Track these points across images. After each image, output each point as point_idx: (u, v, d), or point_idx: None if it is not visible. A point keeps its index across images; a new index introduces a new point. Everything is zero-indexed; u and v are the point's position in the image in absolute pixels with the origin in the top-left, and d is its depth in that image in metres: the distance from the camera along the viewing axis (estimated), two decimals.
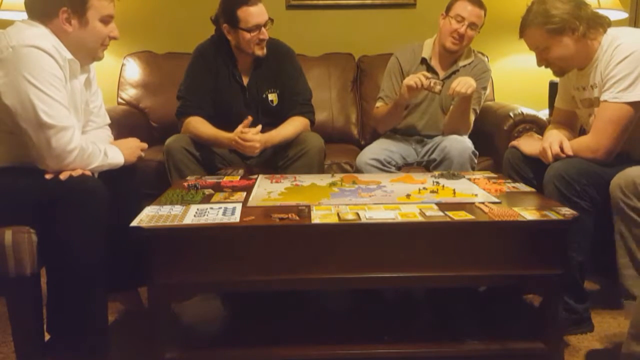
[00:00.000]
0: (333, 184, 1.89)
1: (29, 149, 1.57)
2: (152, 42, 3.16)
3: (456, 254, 1.54)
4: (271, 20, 2.28)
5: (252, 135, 2.13)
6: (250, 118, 2.17)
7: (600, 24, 1.83)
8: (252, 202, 1.69)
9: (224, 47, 2.34)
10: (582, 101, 1.94)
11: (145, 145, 1.90)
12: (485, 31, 2.47)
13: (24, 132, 1.53)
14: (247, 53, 2.30)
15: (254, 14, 2.21)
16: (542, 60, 1.90)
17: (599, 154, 1.77)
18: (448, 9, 2.43)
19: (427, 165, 2.44)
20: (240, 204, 1.66)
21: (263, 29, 2.25)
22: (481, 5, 2.39)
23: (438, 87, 2.27)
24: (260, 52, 2.29)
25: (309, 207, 1.62)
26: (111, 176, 1.69)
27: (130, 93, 3.03)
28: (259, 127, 2.16)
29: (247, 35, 2.24)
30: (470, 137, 2.42)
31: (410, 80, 2.27)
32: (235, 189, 1.85)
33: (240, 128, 2.15)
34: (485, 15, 2.41)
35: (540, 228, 1.53)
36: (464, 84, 2.25)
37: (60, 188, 1.53)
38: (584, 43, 1.83)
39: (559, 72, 1.95)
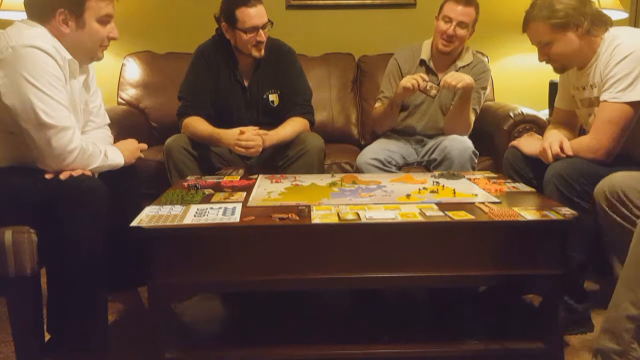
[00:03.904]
0: (333, 184, 1.89)
1: (29, 149, 1.57)
2: (152, 42, 3.16)
3: (456, 254, 1.54)
4: (270, 22, 2.28)
5: (251, 136, 2.13)
6: (256, 129, 2.18)
7: (603, 22, 1.83)
8: (252, 202, 1.69)
9: (224, 47, 2.34)
10: (582, 101, 1.94)
11: (144, 145, 1.90)
12: (485, 31, 2.48)
13: (25, 132, 1.53)
14: (244, 53, 2.30)
15: (252, 15, 2.21)
16: (544, 56, 1.90)
17: (599, 154, 1.77)
18: (439, 10, 2.44)
19: (427, 165, 2.44)
20: (240, 204, 1.66)
21: (261, 31, 2.24)
22: (469, 3, 2.38)
23: (434, 92, 2.28)
24: (257, 53, 2.28)
25: (309, 207, 1.62)
26: (111, 176, 1.69)
27: (130, 93, 3.03)
28: (256, 128, 2.17)
29: (244, 36, 2.23)
30: (470, 137, 2.42)
31: (407, 82, 2.27)
32: (235, 189, 1.85)
33: (239, 129, 2.15)
34: (477, 12, 2.40)
35: (540, 228, 1.53)
36: (455, 77, 2.26)
37: (61, 188, 1.53)
38: (587, 40, 1.83)
39: (559, 69, 1.95)
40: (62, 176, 1.56)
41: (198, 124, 2.26)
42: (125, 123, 2.64)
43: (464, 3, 2.37)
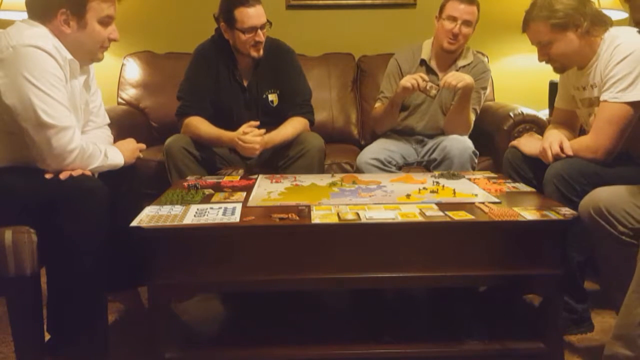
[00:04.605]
0: (333, 184, 1.89)
1: (29, 149, 1.57)
2: (152, 42, 3.16)
3: (456, 254, 1.54)
4: (269, 23, 2.28)
5: (252, 137, 2.13)
6: (257, 123, 2.18)
7: (603, 22, 1.83)
8: (252, 202, 1.69)
9: (224, 47, 2.34)
10: (582, 101, 1.94)
11: (143, 145, 1.90)
12: (485, 31, 2.48)
13: (25, 132, 1.53)
14: (242, 54, 2.30)
15: (251, 15, 2.20)
16: (544, 55, 1.90)
17: (599, 154, 1.77)
18: (440, 10, 2.44)
19: (427, 165, 2.44)
20: (240, 204, 1.66)
21: (259, 31, 2.23)
22: (471, 2, 2.39)
23: (434, 91, 2.28)
24: (256, 54, 2.28)
25: (309, 207, 1.62)
26: (111, 176, 1.69)
27: (130, 93, 3.03)
28: (262, 130, 2.17)
29: (243, 37, 2.23)
30: (470, 137, 2.42)
31: (407, 82, 2.27)
32: (235, 189, 1.85)
33: (243, 128, 2.15)
34: (478, 10, 2.41)
35: (540, 228, 1.53)
36: (456, 77, 2.27)
37: (60, 188, 1.53)
38: (587, 40, 1.83)
39: (559, 69, 1.95)
40: (62, 176, 1.56)
41: (199, 124, 2.26)
42: (125, 123, 2.64)
43: (467, 2, 2.37)
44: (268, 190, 1.82)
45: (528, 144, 1.99)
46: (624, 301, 1.32)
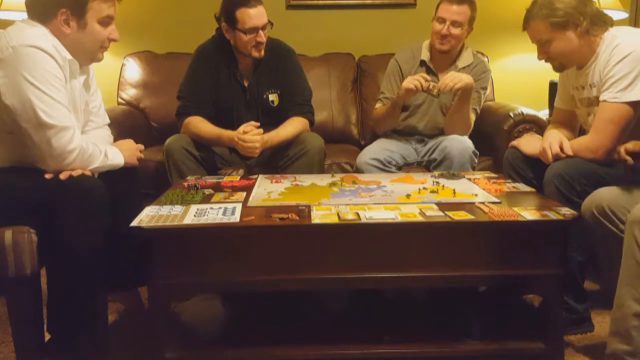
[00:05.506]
0: (333, 184, 1.89)
1: (29, 149, 1.57)
2: (152, 42, 3.16)
3: (456, 254, 1.54)
4: (270, 23, 2.28)
5: (251, 137, 2.13)
6: (257, 124, 2.18)
7: (603, 21, 1.83)
8: (252, 202, 1.69)
9: (225, 47, 2.34)
10: (581, 100, 1.95)
11: (142, 146, 1.89)
12: (485, 31, 2.48)
13: (25, 132, 1.53)
14: (243, 54, 2.30)
15: (252, 16, 2.20)
16: (543, 54, 1.90)
17: (599, 154, 1.77)
18: (435, 11, 2.45)
19: (427, 165, 2.44)
20: (240, 204, 1.66)
21: (261, 31, 2.23)
22: (462, 1, 2.38)
23: (436, 91, 2.29)
24: (257, 54, 2.28)
25: (309, 207, 1.62)
26: (111, 176, 1.69)
27: (130, 93, 3.03)
28: (261, 130, 2.17)
29: (244, 37, 2.23)
30: (470, 137, 2.42)
31: (410, 83, 2.27)
32: (235, 189, 1.85)
33: (242, 127, 2.15)
34: (472, 9, 2.40)
35: (540, 228, 1.53)
36: (453, 77, 2.26)
37: (60, 188, 1.53)
38: (586, 39, 1.83)
39: (559, 68, 1.95)
40: (62, 176, 1.56)
41: (199, 124, 2.26)
42: (125, 123, 2.64)
43: (457, 2, 2.37)
44: (268, 190, 1.82)
45: (528, 144, 1.99)
46: (615, 295, 1.33)
